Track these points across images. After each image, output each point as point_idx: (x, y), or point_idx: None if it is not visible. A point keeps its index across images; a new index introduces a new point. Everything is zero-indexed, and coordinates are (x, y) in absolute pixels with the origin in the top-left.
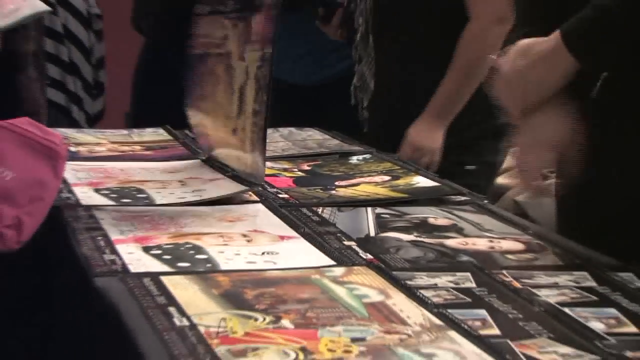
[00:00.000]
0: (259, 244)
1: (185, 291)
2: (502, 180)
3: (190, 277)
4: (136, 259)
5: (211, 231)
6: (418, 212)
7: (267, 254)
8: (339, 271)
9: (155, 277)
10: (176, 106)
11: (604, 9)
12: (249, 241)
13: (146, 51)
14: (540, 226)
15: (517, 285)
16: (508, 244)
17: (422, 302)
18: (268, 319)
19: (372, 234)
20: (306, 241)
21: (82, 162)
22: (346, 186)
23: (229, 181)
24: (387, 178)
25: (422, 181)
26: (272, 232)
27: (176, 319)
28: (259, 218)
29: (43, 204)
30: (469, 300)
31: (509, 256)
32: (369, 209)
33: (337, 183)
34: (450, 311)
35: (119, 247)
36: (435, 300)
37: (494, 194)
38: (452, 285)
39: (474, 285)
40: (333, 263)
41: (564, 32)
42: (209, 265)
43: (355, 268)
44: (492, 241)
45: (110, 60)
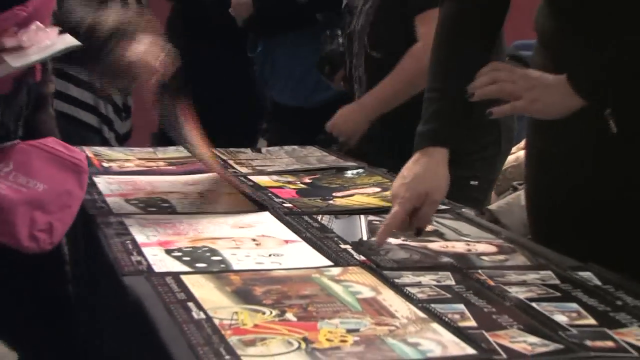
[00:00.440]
0: (267, 247)
1: (202, 288)
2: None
3: (207, 276)
4: (159, 260)
5: (225, 236)
6: None
7: (274, 255)
8: (336, 271)
9: (176, 276)
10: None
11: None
12: (257, 245)
13: None
14: (511, 231)
15: (491, 283)
16: (483, 246)
17: (409, 297)
18: (274, 312)
19: (365, 238)
20: (307, 245)
21: (113, 176)
22: (342, 197)
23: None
24: (378, 189)
25: None
26: (277, 236)
27: (194, 313)
28: (266, 224)
29: (70, 211)
30: (449, 296)
31: (483, 257)
32: (362, 216)
33: (334, 194)
34: (432, 306)
35: (145, 250)
36: (419, 296)
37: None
38: (435, 283)
39: (453, 283)
40: (331, 264)
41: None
42: (222, 266)
43: (350, 268)
44: (469, 244)
45: (138, 87)
